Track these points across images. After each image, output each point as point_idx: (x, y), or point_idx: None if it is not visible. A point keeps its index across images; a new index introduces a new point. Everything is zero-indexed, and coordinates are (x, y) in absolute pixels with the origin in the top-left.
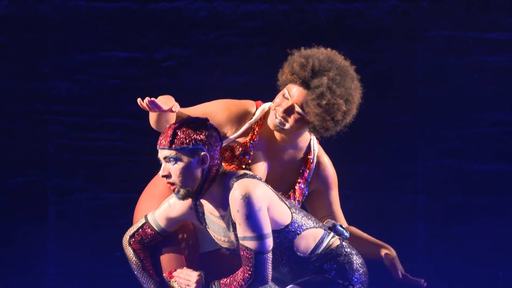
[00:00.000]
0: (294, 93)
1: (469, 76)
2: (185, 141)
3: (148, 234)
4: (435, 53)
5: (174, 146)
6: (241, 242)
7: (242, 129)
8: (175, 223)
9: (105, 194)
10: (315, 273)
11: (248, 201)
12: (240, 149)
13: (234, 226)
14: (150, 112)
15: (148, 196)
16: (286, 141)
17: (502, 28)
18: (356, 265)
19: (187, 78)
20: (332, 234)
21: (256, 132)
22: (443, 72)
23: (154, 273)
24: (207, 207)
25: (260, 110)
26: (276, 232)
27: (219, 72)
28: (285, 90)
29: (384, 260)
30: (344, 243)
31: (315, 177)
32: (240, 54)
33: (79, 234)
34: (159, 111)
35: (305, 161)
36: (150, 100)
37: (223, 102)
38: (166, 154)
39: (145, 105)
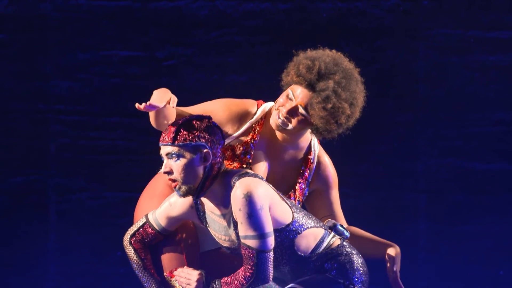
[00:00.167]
0: (299, 95)
1: (471, 75)
2: (188, 138)
3: (149, 234)
4: (437, 52)
5: (177, 143)
6: (243, 241)
7: (243, 128)
8: (176, 222)
9: (106, 193)
10: (316, 273)
11: (250, 200)
12: (241, 148)
13: (235, 225)
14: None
15: (149, 195)
16: (287, 141)
17: (504, 27)
18: (357, 265)
19: (188, 77)
20: (333, 234)
21: (257, 132)
22: (445, 71)
23: (155, 272)
24: (208, 206)
25: (261, 110)
26: (277, 231)
27: (220, 71)
28: (289, 91)
29: (387, 258)
30: (345, 243)
31: (316, 177)
32: (242, 53)
33: (80, 233)
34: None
35: (306, 161)
36: (147, 106)
37: (224, 101)
38: (169, 150)
39: (143, 109)
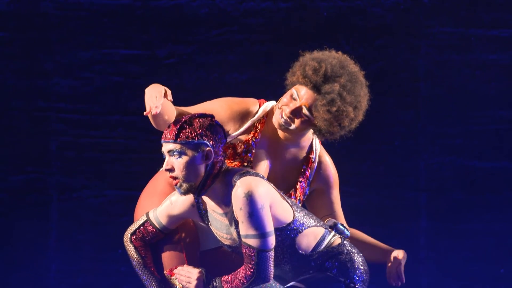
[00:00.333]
0: (303, 95)
1: (471, 73)
2: (191, 136)
3: (150, 232)
4: (438, 50)
5: (179, 140)
6: (244, 240)
7: (245, 127)
8: (177, 221)
9: (107, 192)
10: (317, 271)
11: (251, 199)
12: (242, 147)
13: (237, 224)
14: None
15: (150, 194)
16: (289, 140)
17: (505, 25)
18: (358, 264)
19: (189, 76)
20: (333, 233)
21: (259, 130)
22: (445, 69)
23: (155, 271)
24: (210, 204)
25: (263, 108)
26: (278, 230)
27: (221, 70)
28: (294, 91)
29: (390, 264)
30: (346, 242)
31: (317, 177)
32: (242, 52)
33: (81, 232)
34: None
35: (307, 161)
36: (155, 109)
37: (226, 100)
38: (171, 148)
39: (153, 113)
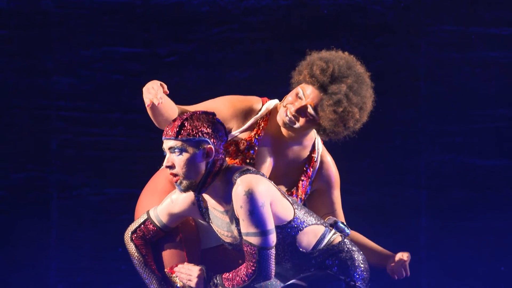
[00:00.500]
0: (309, 94)
1: (472, 72)
2: (192, 133)
3: (150, 230)
4: (438, 49)
5: (181, 137)
6: (245, 238)
7: (248, 124)
8: (177, 219)
9: (107, 190)
10: (317, 269)
11: (252, 197)
12: (245, 144)
13: (237, 221)
14: (147, 107)
15: (150, 192)
16: (292, 139)
17: (505, 23)
18: (358, 262)
19: (190, 74)
20: (334, 231)
21: (262, 128)
22: (446, 68)
23: (156, 269)
24: (210, 202)
25: (266, 107)
26: (279, 228)
27: (222, 68)
28: (299, 90)
29: (394, 263)
30: (346, 240)
31: (318, 176)
32: (243, 50)
33: (81, 230)
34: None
35: (309, 160)
36: (159, 99)
37: (229, 98)
38: (172, 145)
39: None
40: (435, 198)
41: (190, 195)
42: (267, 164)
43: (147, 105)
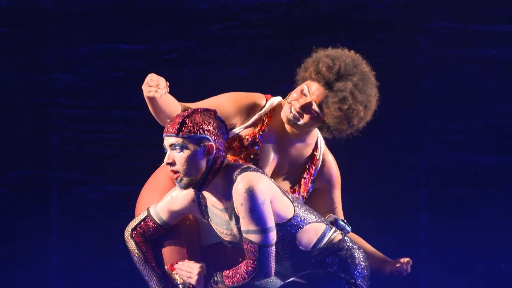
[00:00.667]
0: (314, 91)
1: (472, 69)
2: (193, 130)
3: (150, 227)
4: (438, 46)
5: (181, 134)
6: (245, 236)
7: (252, 120)
8: (178, 216)
9: (108, 187)
10: (317, 267)
11: (252, 195)
12: (249, 140)
13: (237, 219)
14: (148, 102)
15: (150, 189)
16: (296, 136)
17: (505, 21)
18: (358, 259)
19: (190, 71)
20: (334, 229)
21: (266, 124)
22: (446, 65)
23: (156, 266)
24: (210, 200)
25: (270, 103)
26: (279, 226)
27: (222, 65)
28: (304, 86)
29: (393, 267)
30: (346, 238)
31: (319, 175)
32: (243, 47)
33: (81, 227)
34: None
35: (312, 158)
36: (163, 90)
37: (232, 94)
38: (173, 142)
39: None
40: (435, 195)
41: (190, 193)
42: (271, 160)
43: (149, 96)
